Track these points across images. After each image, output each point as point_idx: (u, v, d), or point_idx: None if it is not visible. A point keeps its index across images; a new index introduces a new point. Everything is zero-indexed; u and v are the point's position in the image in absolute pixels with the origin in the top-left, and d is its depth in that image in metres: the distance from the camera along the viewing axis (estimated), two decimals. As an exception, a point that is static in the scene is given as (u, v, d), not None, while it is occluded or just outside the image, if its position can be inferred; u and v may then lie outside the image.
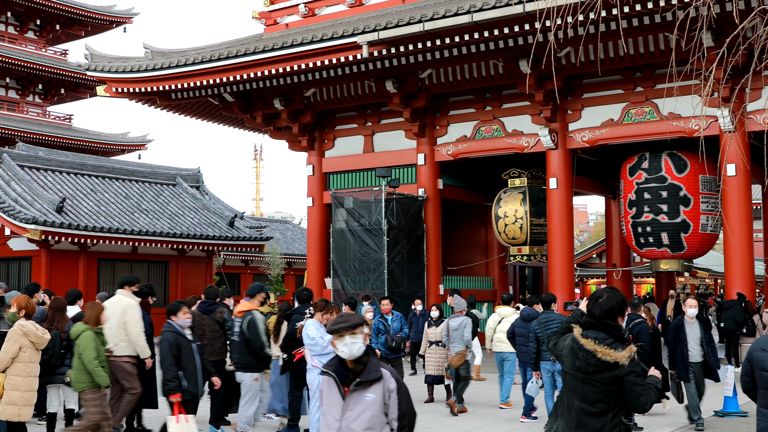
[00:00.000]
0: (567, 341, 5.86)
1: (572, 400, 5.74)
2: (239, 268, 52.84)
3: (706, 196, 23.18)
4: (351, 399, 5.54)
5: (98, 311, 10.41)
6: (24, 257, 31.64)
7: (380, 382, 5.56)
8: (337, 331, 5.56)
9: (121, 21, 59.78)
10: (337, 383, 5.61)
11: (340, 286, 25.07)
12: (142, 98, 28.02)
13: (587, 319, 5.87)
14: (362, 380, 5.55)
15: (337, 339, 5.58)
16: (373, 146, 27.32)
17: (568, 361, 5.78)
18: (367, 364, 5.60)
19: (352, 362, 5.62)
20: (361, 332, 5.59)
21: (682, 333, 13.14)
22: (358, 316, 5.71)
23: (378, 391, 5.55)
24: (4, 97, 56.18)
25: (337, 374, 5.63)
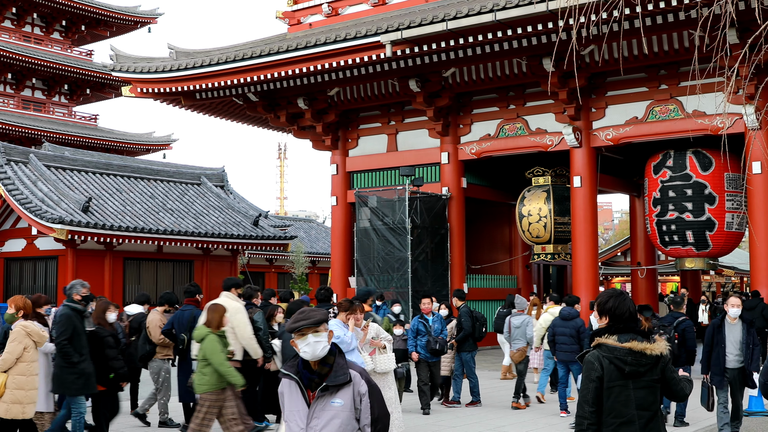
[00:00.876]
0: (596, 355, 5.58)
1: (623, 414, 5.50)
2: (264, 267, 53.05)
3: (731, 194, 23.05)
4: (317, 405, 5.02)
5: (221, 314, 10.49)
6: (51, 256, 31.91)
7: (349, 386, 5.04)
8: (298, 330, 5.02)
9: (145, 21, 60.12)
10: (301, 387, 5.07)
11: (364, 285, 25.12)
12: (166, 98, 28.18)
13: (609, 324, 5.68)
14: (329, 384, 5.02)
15: (298, 338, 5.03)
16: (397, 145, 27.36)
17: (613, 375, 5.49)
18: (333, 366, 5.07)
19: (317, 364, 5.08)
20: (325, 330, 5.06)
21: (721, 335, 11.82)
22: (321, 311, 5.16)
23: (347, 396, 5.04)
24: (31, 98, 56.63)
25: (301, 377, 5.08)
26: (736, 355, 11.74)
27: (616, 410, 5.47)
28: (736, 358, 11.75)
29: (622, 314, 5.65)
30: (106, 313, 11.54)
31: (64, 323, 10.95)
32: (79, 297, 11.66)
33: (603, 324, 5.70)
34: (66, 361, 10.90)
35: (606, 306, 5.67)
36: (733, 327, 11.81)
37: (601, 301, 5.73)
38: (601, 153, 24.38)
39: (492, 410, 14.95)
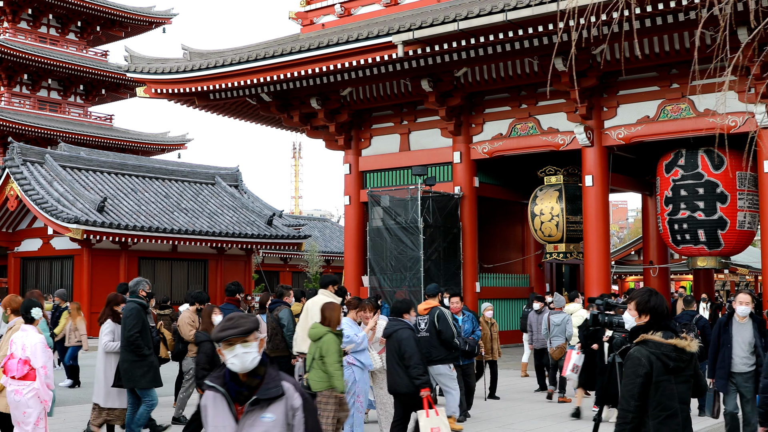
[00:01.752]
0: (644, 352, 5.72)
1: (670, 407, 5.71)
2: (278, 266, 53.28)
3: (743, 193, 23.09)
4: (246, 421, 4.60)
5: (338, 313, 10.53)
6: (66, 256, 32.20)
7: (282, 399, 4.64)
8: (226, 339, 4.59)
9: (160, 22, 60.41)
10: (228, 401, 4.64)
11: (377, 284, 25.25)
12: (180, 99, 28.36)
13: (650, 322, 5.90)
14: (259, 398, 4.61)
15: (225, 349, 4.60)
16: (410, 145, 27.47)
17: (659, 370, 5.66)
18: (264, 378, 4.66)
19: (246, 375, 4.66)
20: (254, 339, 4.65)
21: (727, 335, 10.78)
22: (251, 319, 4.72)
23: (279, 410, 4.63)
24: (47, 98, 57.01)
25: (228, 390, 4.66)
26: (744, 358, 10.67)
27: (663, 404, 5.66)
28: (744, 361, 10.68)
29: (663, 312, 5.88)
30: (212, 317, 11.50)
31: (135, 317, 11.25)
32: (144, 293, 12.01)
33: (642, 321, 5.89)
34: (137, 354, 11.14)
35: (649, 304, 5.86)
36: (741, 327, 10.76)
37: (643, 299, 5.92)
38: (613, 152, 24.44)
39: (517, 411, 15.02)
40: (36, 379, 9.51)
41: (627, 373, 5.71)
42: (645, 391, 5.65)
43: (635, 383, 5.64)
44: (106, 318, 11.75)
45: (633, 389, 5.64)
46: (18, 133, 51.35)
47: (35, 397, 9.50)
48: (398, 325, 10.55)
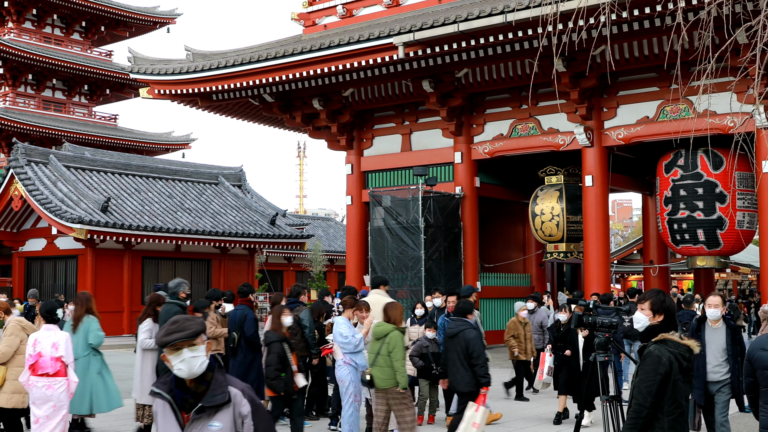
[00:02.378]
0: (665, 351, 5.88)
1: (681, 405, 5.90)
2: (282, 265, 53.49)
3: (742, 193, 23.21)
4: (192, 429, 4.39)
5: (401, 311, 10.92)
6: (70, 256, 32.40)
7: (229, 407, 4.42)
8: (172, 343, 4.36)
9: (164, 22, 60.63)
10: (174, 409, 4.41)
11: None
12: (183, 100, 28.53)
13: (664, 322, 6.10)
14: (205, 405, 4.37)
15: (171, 353, 4.36)
16: (411, 145, 27.62)
17: (676, 369, 5.83)
18: (211, 383, 4.43)
19: (193, 381, 4.43)
20: (202, 342, 4.41)
21: (700, 341, 9.71)
22: (197, 322, 4.49)
23: (227, 418, 4.41)
24: (51, 98, 57.24)
25: (174, 397, 4.43)
26: (717, 366, 10.13)
27: (677, 401, 5.84)
28: (716, 369, 10.13)
29: (675, 312, 6.11)
30: (282, 317, 11.54)
31: None
32: (184, 294, 12.15)
33: (657, 321, 6.09)
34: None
35: (664, 305, 6.07)
36: (714, 332, 10.22)
37: (658, 300, 6.12)
38: (613, 152, 24.57)
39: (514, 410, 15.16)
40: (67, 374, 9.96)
41: (647, 369, 5.85)
42: (662, 388, 5.81)
43: (654, 380, 5.79)
44: (146, 317, 11.97)
45: (652, 386, 5.79)
46: (22, 133, 51.59)
47: (65, 392, 9.93)
48: (463, 326, 10.81)
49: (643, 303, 6.14)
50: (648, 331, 6.08)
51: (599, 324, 6.58)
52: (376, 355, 10.64)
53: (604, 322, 6.62)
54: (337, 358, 11.67)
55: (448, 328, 11.29)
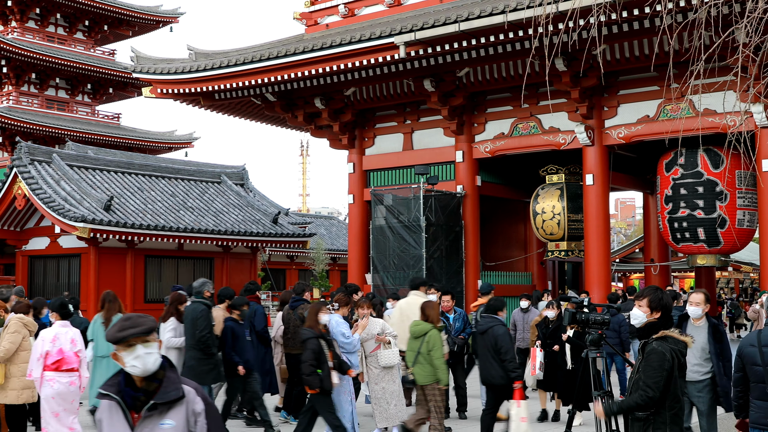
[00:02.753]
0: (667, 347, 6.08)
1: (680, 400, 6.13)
2: (285, 264, 53.62)
3: (743, 192, 23.27)
4: (143, 428, 4.25)
5: (437, 310, 11.40)
6: (73, 254, 32.48)
7: (182, 404, 4.29)
8: (125, 340, 4.24)
9: (167, 21, 60.74)
10: (123, 409, 4.26)
11: (380, 282, 25.52)
12: (186, 99, 28.65)
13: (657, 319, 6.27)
14: (158, 402, 4.24)
15: (124, 350, 4.25)
16: (413, 144, 27.71)
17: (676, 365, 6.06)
18: (163, 381, 4.30)
19: (143, 380, 4.30)
20: (155, 339, 4.34)
21: None
22: (150, 318, 4.41)
23: (180, 416, 4.27)
24: (54, 97, 57.38)
25: (123, 397, 4.28)
26: (697, 365, 9.68)
27: (677, 396, 6.10)
28: (696, 369, 9.68)
29: (671, 309, 6.31)
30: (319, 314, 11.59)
31: (205, 318, 11.86)
32: (208, 293, 12.54)
33: (654, 318, 6.27)
34: (205, 353, 11.72)
35: (662, 302, 6.26)
36: (696, 330, 9.74)
37: (656, 297, 6.31)
38: (614, 151, 24.65)
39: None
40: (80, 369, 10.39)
41: (654, 366, 6.04)
42: (667, 384, 6.02)
43: (662, 376, 5.99)
44: (170, 316, 12.36)
45: (659, 381, 5.98)
46: (26, 132, 51.73)
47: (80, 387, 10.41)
48: (493, 322, 11.13)
49: (641, 300, 6.29)
50: (646, 328, 6.21)
51: (592, 321, 6.71)
52: (417, 354, 11.06)
53: (596, 319, 6.75)
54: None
55: (478, 324, 11.73)
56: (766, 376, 7.20)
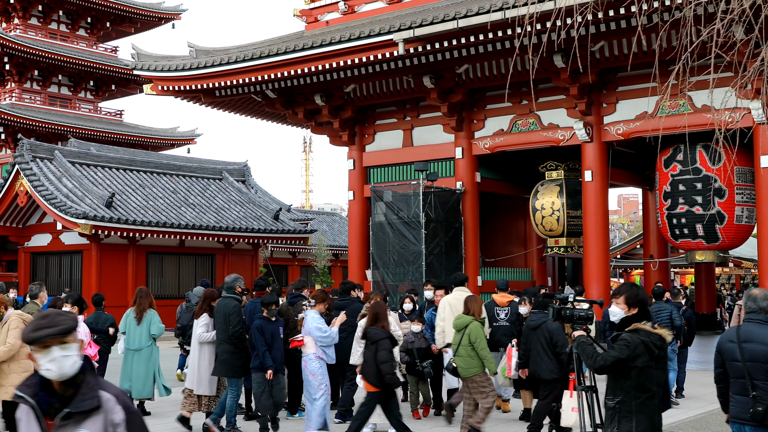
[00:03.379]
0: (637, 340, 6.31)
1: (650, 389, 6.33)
2: (287, 260, 53.66)
3: (741, 188, 23.32)
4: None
5: (480, 304, 11.90)
6: (75, 251, 32.65)
7: (99, 413, 3.93)
8: (40, 340, 3.93)
9: (169, 17, 60.83)
10: (38, 415, 3.94)
11: (379, 278, 25.59)
12: (187, 96, 28.73)
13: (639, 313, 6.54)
14: (73, 411, 3.88)
15: (40, 352, 3.94)
16: (413, 140, 27.79)
17: (646, 357, 6.29)
18: (81, 387, 3.96)
19: (60, 384, 3.95)
20: (74, 340, 3.97)
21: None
22: (70, 317, 4.05)
23: (96, 426, 3.92)
24: (57, 94, 57.51)
25: (39, 402, 3.95)
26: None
27: (645, 386, 6.33)
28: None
29: (648, 304, 6.64)
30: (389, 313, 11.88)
31: (238, 314, 12.24)
32: (239, 289, 12.98)
33: (631, 313, 6.57)
34: (238, 347, 12.00)
35: (638, 298, 6.57)
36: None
37: (633, 294, 6.63)
38: (613, 147, 24.70)
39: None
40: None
41: (616, 347, 6.35)
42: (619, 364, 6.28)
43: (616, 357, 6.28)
44: (203, 312, 12.62)
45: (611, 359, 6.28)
46: (28, 128, 51.85)
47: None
48: (544, 318, 11.48)
49: (618, 297, 6.52)
50: (623, 322, 6.42)
51: (576, 317, 6.85)
52: (458, 346, 11.45)
53: (581, 315, 6.89)
54: (307, 352, 11.85)
55: (529, 320, 12.11)
56: (745, 372, 7.31)
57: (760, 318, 7.42)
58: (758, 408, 7.17)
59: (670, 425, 12.77)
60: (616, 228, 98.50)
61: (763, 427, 7.26)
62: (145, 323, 14.04)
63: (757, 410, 7.17)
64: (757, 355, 7.28)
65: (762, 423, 7.23)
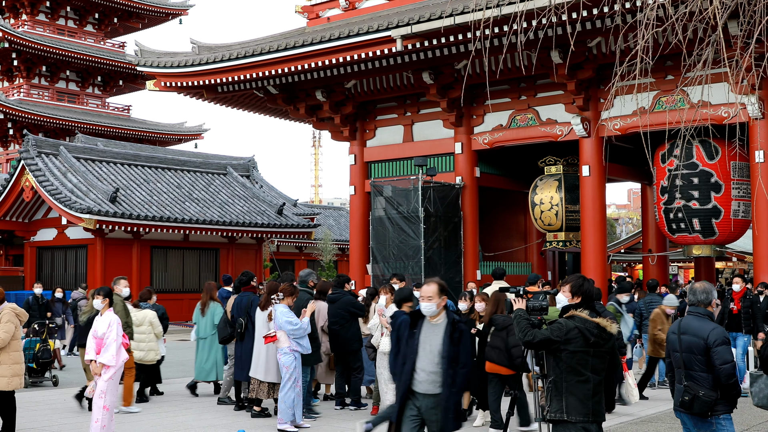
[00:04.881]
0: (570, 325, 6.65)
1: (582, 374, 6.63)
2: (293, 255, 53.93)
3: (737, 182, 23.45)
4: None
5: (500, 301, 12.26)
6: (80, 245, 32.97)
7: None
8: None
9: (177, 13, 61.12)
10: None
11: (379, 273, 25.81)
12: (189, 92, 28.97)
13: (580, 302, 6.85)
14: None
15: None
16: (413, 136, 28.00)
17: (579, 342, 6.59)
18: None
19: None
20: None
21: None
22: None
23: None
24: (65, 89, 57.87)
25: None
26: (432, 373, 7.64)
27: (576, 370, 6.63)
28: (433, 378, 7.70)
29: (592, 295, 6.88)
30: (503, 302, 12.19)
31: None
32: (312, 283, 14.34)
33: (573, 302, 6.85)
34: (310, 337, 12.57)
35: (582, 288, 6.84)
36: (432, 330, 7.79)
37: (577, 284, 6.89)
38: (611, 142, 24.83)
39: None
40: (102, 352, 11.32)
41: (549, 328, 6.75)
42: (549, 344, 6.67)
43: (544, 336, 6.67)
44: (269, 305, 12.96)
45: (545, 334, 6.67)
46: (37, 124, 52.24)
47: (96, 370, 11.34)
48: (601, 308, 11.83)
49: (565, 286, 6.84)
50: (564, 309, 6.80)
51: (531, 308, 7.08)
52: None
53: (534, 306, 7.12)
54: (281, 346, 12.13)
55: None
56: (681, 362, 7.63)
57: (699, 311, 7.73)
58: (686, 397, 7.51)
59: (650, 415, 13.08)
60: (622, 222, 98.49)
61: (695, 415, 7.55)
62: (208, 315, 15.38)
63: (685, 399, 7.52)
64: (691, 346, 7.60)
65: (691, 411, 7.54)
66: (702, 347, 7.52)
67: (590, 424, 6.63)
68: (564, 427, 6.65)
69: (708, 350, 7.49)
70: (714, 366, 7.47)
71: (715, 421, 7.57)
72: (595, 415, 6.67)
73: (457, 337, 7.72)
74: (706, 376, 7.52)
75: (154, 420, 13.15)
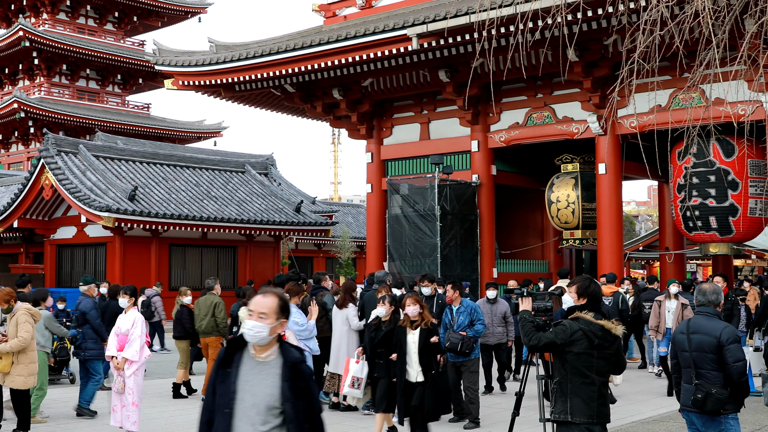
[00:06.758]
0: (575, 327, 6.66)
1: (587, 376, 6.64)
2: (312, 252, 54.03)
3: (754, 180, 23.37)
4: None
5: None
6: (99, 243, 33.18)
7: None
8: None
9: (196, 11, 61.35)
10: None
11: (396, 270, 25.84)
12: (207, 90, 29.11)
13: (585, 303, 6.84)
14: None
15: None
16: (429, 134, 28.03)
17: (584, 344, 6.61)
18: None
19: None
20: None
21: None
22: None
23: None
24: (85, 88, 58.20)
25: None
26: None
27: (581, 372, 6.64)
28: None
29: (598, 297, 6.87)
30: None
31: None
32: (389, 282, 14.65)
33: (579, 303, 6.86)
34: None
35: (588, 290, 6.86)
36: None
37: (584, 285, 6.90)
38: (627, 140, 24.80)
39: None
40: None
41: (554, 331, 6.74)
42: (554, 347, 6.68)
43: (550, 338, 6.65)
44: (347, 302, 13.89)
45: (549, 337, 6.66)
46: (57, 122, 52.58)
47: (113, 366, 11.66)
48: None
49: (571, 287, 6.84)
50: (569, 311, 6.80)
51: (536, 309, 7.11)
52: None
53: (540, 306, 7.16)
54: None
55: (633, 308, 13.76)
56: (691, 361, 7.63)
57: (708, 311, 7.80)
58: (698, 395, 7.51)
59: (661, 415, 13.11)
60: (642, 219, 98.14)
61: (705, 413, 7.59)
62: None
63: (698, 397, 7.54)
64: (702, 345, 7.63)
65: (703, 409, 7.56)
66: (714, 345, 7.59)
67: (594, 425, 6.67)
68: (568, 428, 6.69)
69: (720, 348, 7.56)
70: (726, 364, 7.54)
71: (724, 420, 7.62)
72: (600, 417, 6.71)
73: (302, 387, 4.74)
74: (717, 374, 7.59)
75: (167, 417, 13.27)
